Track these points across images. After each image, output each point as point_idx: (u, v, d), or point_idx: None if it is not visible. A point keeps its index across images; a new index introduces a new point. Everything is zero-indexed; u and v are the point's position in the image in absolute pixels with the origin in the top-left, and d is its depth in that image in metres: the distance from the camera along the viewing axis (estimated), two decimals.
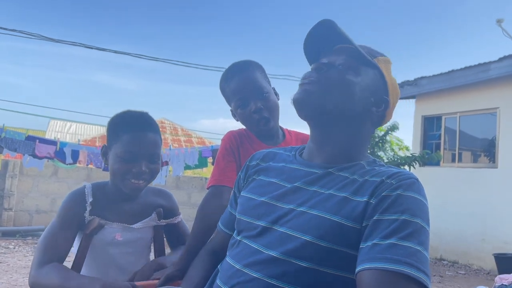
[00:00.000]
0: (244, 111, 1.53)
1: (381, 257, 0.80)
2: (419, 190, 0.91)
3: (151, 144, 1.36)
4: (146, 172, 1.35)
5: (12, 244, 7.05)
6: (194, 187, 9.58)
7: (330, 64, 1.02)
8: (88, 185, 1.40)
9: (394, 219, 0.84)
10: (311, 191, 0.96)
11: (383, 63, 1.06)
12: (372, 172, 0.96)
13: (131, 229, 1.40)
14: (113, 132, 1.39)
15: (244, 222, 1.03)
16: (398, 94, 1.10)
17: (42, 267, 1.24)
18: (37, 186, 8.34)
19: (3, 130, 6.17)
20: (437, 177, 7.96)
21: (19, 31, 8.23)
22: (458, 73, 7.64)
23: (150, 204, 1.47)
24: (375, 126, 1.08)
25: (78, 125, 18.01)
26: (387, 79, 1.05)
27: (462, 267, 7.30)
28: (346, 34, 1.02)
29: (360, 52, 1.01)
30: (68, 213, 1.34)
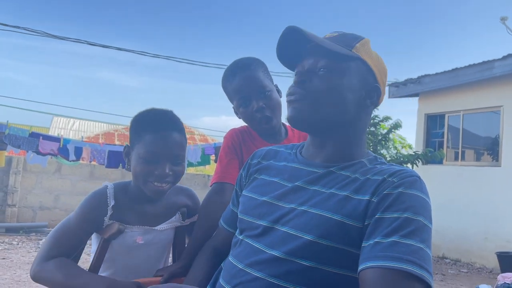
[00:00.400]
0: (246, 110, 1.53)
1: (383, 255, 0.80)
2: (422, 188, 0.90)
3: (175, 144, 1.29)
4: (170, 175, 1.27)
5: (15, 240, 7.08)
6: (197, 185, 9.60)
7: (311, 71, 1.00)
8: (110, 186, 1.32)
9: (396, 217, 0.84)
10: (312, 190, 0.96)
11: (362, 48, 1.01)
12: (373, 170, 0.95)
13: (153, 231, 1.34)
14: (135, 131, 1.32)
15: (246, 222, 1.03)
16: (385, 70, 1.06)
17: (47, 261, 1.21)
18: (40, 183, 8.37)
19: (7, 126, 6.19)
20: (440, 176, 7.94)
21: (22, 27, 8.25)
22: (462, 71, 7.61)
23: (174, 204, 1.41)
24: (370, 114, 1.07)
25: (81, 122, 18.06)
26: (371, 64, 1.01)
27: (464, 266, 7.29)
28: (315, 35, 0.99)
29: (338, 50, 0.97)
30: (88, 215, 1.28)
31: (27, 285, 4.62)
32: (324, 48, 0.97)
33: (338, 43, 0.99)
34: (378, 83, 1.02)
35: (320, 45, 0.97)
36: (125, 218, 1.30)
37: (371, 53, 1.03)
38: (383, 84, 1.05)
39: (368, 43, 1.04)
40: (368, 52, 1.02)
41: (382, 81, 1.04)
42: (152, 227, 1.33)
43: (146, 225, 1.32)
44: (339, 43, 1.00)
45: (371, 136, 7.31)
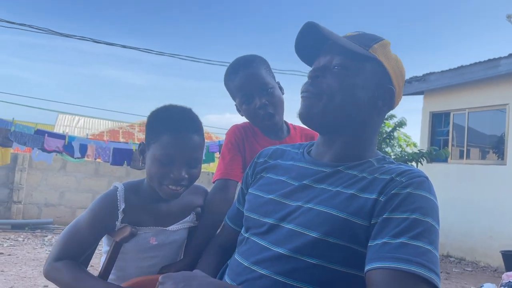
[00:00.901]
0: (249, 107, 1.53)
1: (392, 256, 0.79)
2: (430, 189, 0.90)
3: (193, 147, 1.22)
4: (186, 178, 1.22)
5: (21, 236, 7.13)
6: (201, 182, 9.41)
7: (326, 68, 1.00)
8: (120, 188, 1.26)
9: (404, 218, 0.83)
10: (319, 188, 0.96)
11: (380, 49, 1.01)
12: (381, 169, 0.95)
13: (166, 231, 1.30)
14: (152, 130, 1.26)
15: (252, 220, 1.03)
16: (402, 74, 1.06)
17: (57, 262, 1.22)
18: (45, 180, 8.42)
19: (12, 124, 6.23)
20: (444, 174, 7.91)
21: (28, 25, 8.29)
22: (467, 69, 7.57)
23: (188, 204, 1.36)
24: (383, 116, 1.06)
25: (86, 119, 18.11)
26: (387, 66, 1.00)
27: (469, 264, 7.27)
28: (333, 32, 0.99)
29: (354, 48, 0.97)
30: (97, 221, 1.24)
31: (32, 281, 4.66)
32: (340, 46, 0.97)
33: (355, 42, 0.99)
34: (393, 85, 1.01)
35: (337, 42, 0.97)
36: (138, 219, 1.26)
37: (390, 55, 1.02)
38: (398, 87, 1.03)
39: (387, 45, 1.03)
40: (386, 53, 1.01)
41: (397, 84, 1.03)
42: (165, 227, 1.29)
43: (159, 226, 1.28)
44: (357, 42, 1.00)
45: None
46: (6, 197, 8.07)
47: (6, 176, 8.07)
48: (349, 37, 1.02)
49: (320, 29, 0.97)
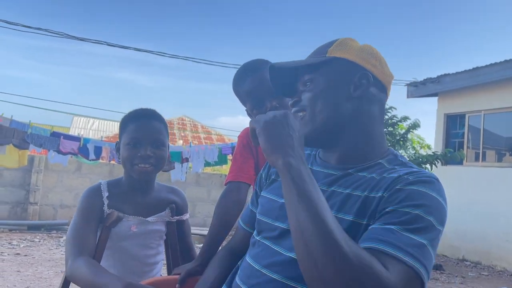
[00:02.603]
0: (260, 111, 1.52)
1: (382, 239, 0.78)
2: (439, 190, 0.88)
3: (154, 130, 1.44)
4: (152, 157, 1.41)
5: (37, 237, 7.24)
6: (214, 184, 9.65)
7: (301, 91, 1.04)
8: (103, 182, 1.48)
9: (406, 212, 0.82)
10: (329, 191, 0.95)
11: (336, 48, 1.02)
12: (392, 170, 0.94)
13: (145, 221, 1.46)
14: (121, 126, 1.48)
15: (264, 223, 1.03)
16: (373, 53, 1.03)
17: (76, 259, 1.28)
18: (61, 181, 8.53)
19: (29, 126, 6.34)
20: (460, 176, 7.81)
21: (44, 29, 8.42)
22: (483, 70, 7.46)
23: (164, 200, 1.53)
24: (377, 102, 1.02)
25: (100, 121, 18.33)
26: (349, 57, 1.00)
27: (485, 268, 7.15)
28: (292, 61, 1.06)
29: (311, 61, 1.02)
30: (89, 208, 1.40)
31: (48, 281, 4.73)
32: (300, 67, 1.04)
33: (312, 55, 1.05)
34: (366, 70, 0.99)
35: (295, 67, 1.04)
36: (121, 208, 1.43)
37: (350, 47, 1.02)
38: (374, 67, 1.01)
39: (343, 41, 1.03)
40: (344, 48, 1.01)
41: (372, 64, 1.01)
42: (144, 217, 1.46)
43: (139, 215, 1.45)
44: (313, 55, 1.05)
45: (389, 137, 7.23)
46: (23, 199, 8.20)
47: (23, 177, 8.20)
48: (309, 55, 1.07)
49: (278, 68, 1.05)
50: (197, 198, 9.36)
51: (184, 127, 17.54)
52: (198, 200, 9.38)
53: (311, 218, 0.75)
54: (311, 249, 0.73)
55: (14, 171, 8.00)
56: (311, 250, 0.73)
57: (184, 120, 18.01)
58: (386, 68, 1.04)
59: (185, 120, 18.04)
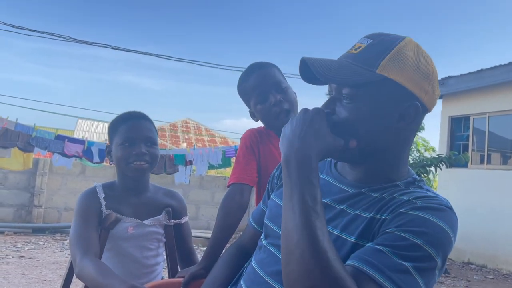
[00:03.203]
0: (264, 105, 1.53)
1: (368, 259, 0.75)
2: (448, 220, 0.80)
3: (146, 129, 1.48)
4: (146, 154, 1.44)
5: (41, 240, 7.26)
6: (218, 187, 9.64)
7: (336, 100, 0.90)
8: (98, 184, 1.50)
9: (403, 237, 0.76)
10: (338, 209, 0.92)
11: (390, 63, 0.85)
12: (405, 191, 0.88)
13: (142, 224, 1.47)
14: (112, 129, 1.51)
15: (270, 229, 1.02)
16: (428, 74, 0.89)
17: (83, 259, 1.30)
18: (65, 184, 8.56)
19: (34, 129, 6.36)
20: (465, 179, 7.77)
21: (49, 33, 8.48)
22: (488, 72, 7.44)
23: (160, 203, 1.54)
24: (414, 130, 0.93)
25: (105, 124, 18.36)
26: (402, 81, 0.85)
27: (490, 272, 7.10)
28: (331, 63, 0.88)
29: (355, 79, 0.85)
30: (87, 209, 1.41)
31: (52, 284, 4.73)
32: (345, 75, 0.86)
33: (360, 64, 0.86)
34: (416, 99, 0.87)
35: (332, 81, 0.88)
36: (118, 209, 1.45)
37: (405, 64, 0.86)
38: (425, 93, 0.88)
39: (400, 50, 0.87)
40: (399, 64, 0.85)
41: (423, 90, 0.88)
42: (140, 220, 1.47)
43: (135, 217, 1.47)
44: (362, 63, 0.86)
45: None
46: (28, 201, 8.23)
47: (28, 180, 8.24)
48: (355, 55, 0.89)
49: (314, 69, 0.86)
50: (201, 200, 9.37)
51: (188, 130, 17.56)
52: (202, 203, 9.38)
53: (301, 224, 0.76)
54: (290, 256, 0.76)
55: (19, 174, 8.03)
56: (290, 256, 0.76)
57: (188, 123, 18.04)
58: (436, 88, 0.91)
59: (189, 123, 18.07)
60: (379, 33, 0.91)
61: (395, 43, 0.88)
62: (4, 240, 6.96)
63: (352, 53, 0.89)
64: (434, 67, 0.91)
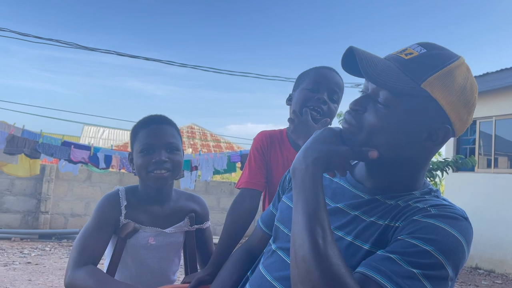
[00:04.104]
0: (313, 94, 1.49)
1: (376, 266, 0.75)
2: (463, 230, 0.79)
3: (167, 134, 1.39)
4: (167, 161, 1.35)
5: (48, 246, 7.28)
6: (223, 192, 9.64)
7: (370, 100, 0.88)
8: (121, 189, 1.41)
9: (413, 244, 0.76)
10: (352, 215, 0.91)
11: (438, 82, 0.82)
12: (420, 199, 0.87)
13: (164, 233, 1.40)
14: (132, 135, 1.43)
15: (281, 232, 1.01)
16: (469, 103, 0.86)
17: (79, 269, 1.25)
18: (72, 190, 8.60)
19: (40, 136, 6.40)
20: (472, 183, 7.71)
21: (55, 40, 8.55)
22: (493, 75, 7.40)
23: (183, 209, 1.47)
24: (434, 150, 0.91)
25: (110, 130, 18.47)
26: (443, 103, 0.82)
27: (499, 277, 7.03)
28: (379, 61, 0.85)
29: (399, 86, 0.82)
30: (104, 216, 1.34)
31: None
32: (391, 78, 0.83)
33: (407, 72, 0.83)
34: (449, 123, 0.85)
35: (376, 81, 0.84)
36: (138, 218, 1.38)
37: (452, 87, 0.83)
38: (460, 120, 0.86)
39: (451, 71, 0.83)
40: (446, 86, 0.82)
41: (459, 117, 0.85)
42: (162, 229, 1.40)
43: (157, 227, 1.39)
44: (409, 72, 0.83)
45: None
46: (34, 207, 8.27)
47: (34, 187, 8.28)
48: (404, 61, 0.85)
49: (359, 60, 0.83)
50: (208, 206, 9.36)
51: (193, 135, 17.60)
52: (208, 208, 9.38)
53: (304, 230, 0.79)
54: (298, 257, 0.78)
55: (25, 180, 8.08)
56: (298, 258, 0.78)
57: (193, 129, 18.09)
58: (471, 117, 0.89)
59: (194, 128, 18.12)
60: (433, 44, 0.88)
61: (448, 61, 0.84)
62: (11, 246, 6.99)
63: (402, 58, 0.86)
64: (476, 96, 0.88)
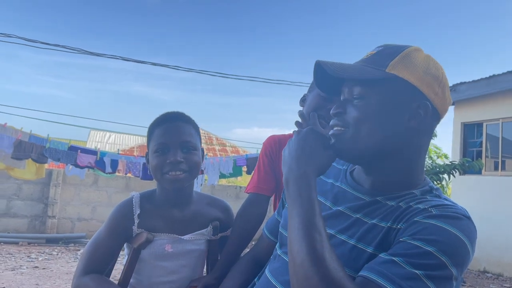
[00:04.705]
0: (325, 103, 1.45)
1: (379, 269, 0.75)
2: (465, 228, 0.79)
3: (182, 132, 1.29)
4: (183, 162, 1.26)
5: (55, 250, 7.31)
6: (229, 196, 9.64)
7: (347, 101, 0.92)
8: (136, 196, 1.33)
9: (415, 245, 0.75)
10: (354, 218, 0.91)
11: (400, 63, 0.88)
12: (421, 199, 0.87)
13: (182, 240, 1.31)
14: (148, 134, 1.35)
15: (285, 237, 1.00)
16: (438, 77, 0.90)
17: (84, 276, 1.24)
18: (78, 195, 8.64)
19: (47, 140, 6.45)
20: (479, 186, 7.65)
21: (61, 46, 8.62)
22: (500, 78, 7.36)
23: (205, 215, 1.37)
24: (428, 133, 0.93)
25: (117, 135, 18.55)
26: (412, 80, 0.87)
27: (507, 280, 6.96)
28: (341, 64, 0.91)
29: (366, 75, 0.88)
30: (116, 226, 1.29)
31: None
32: (350, 79, 0.90)
33: (370, 65, 0.89)
34: (426, 99, 0.88)
35: (344, 77, 0.90)
36: (153, 225, 1.29)
37: (415, 64, 0.88)
38: (435, 95, 0.89)
39: (410, 53, 0.89)
40: (408, 65, 0.88)
41: (434, 92, 0.88)
42: (180, 235, 1.30)
43: (174, 233, 1.30)
44: (372, 64, 0.89)
45: None
46: (41, 212, 8.31)
47: (41, 191, 8.33)
48: (365, 59, 0.92)
49: (327, 68, 0.89)
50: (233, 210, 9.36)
51: None
52: None
53: (300, 237, 0.79)
54: (296, 261, 0.78)
55: (32, 185, 8.13)
56: (296, 261, 0.78)
57: None
58: (447, 95, 0.92)
59: None
60: (390, 43, 0.95)
61: (404, 47, 0.91)
62: (18, 250, 7.03)
63: (364, 58, 0.93)
64: (444, 73, 0.92)
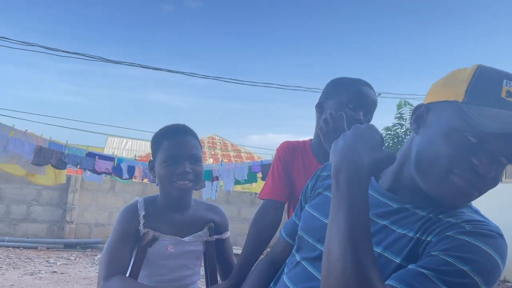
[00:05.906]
0: (350, 112, 1.43)
1: (409, 281, 0.73)
2: (498, 247, 0.77)
3: (191, 146, 1.42)
4: (190, 173, 1.39)
5: (73, 255, 7.41)
6: (244, 202, 9.64)
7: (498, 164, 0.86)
8: (140, 200, 1.46)
9: (449, 262, 0.73)
10: (381, 225, 0.88)
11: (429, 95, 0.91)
12: (452, 212, 0.84)
13: (183, 242, 1.42)
14: (155, 144, 1.46)
15: (305, 241, 1.00)
16: (437, 87, 0.89)
17: (109, 280, 1.28)
18: (96, 200, 8.75)
19: (66, 147, 6.56)
20: (499, 194, 7.46)
21: (81, 54, 8.79)
22: None
23: (202, 218, 1.49)
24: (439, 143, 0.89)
25: (134, 141, 18.75)
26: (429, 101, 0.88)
27: None
28: None
29: None
30: (124, 227, 1.38)
31: None
32: None
33: None
34: None
35: None
36: (157, 226, 1.41)
37: (432, 88, 0.90)
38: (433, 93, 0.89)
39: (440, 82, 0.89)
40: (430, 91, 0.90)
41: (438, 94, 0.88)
42: (180, 237, 1.42)
43: (176, 235, 1.41)
44: None
45: None
46: (60, 217, 8.44)
47: (60, 197, 8.46)
48: None
49: None
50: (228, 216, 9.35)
51: (214, 145, 17.72)
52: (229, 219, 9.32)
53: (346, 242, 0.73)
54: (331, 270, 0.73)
55: (51, 190, 8.27)
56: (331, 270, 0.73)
57: (214, 139, 18.21)
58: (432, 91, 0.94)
59: (215, 139, 18.24)
60: None
61: None
62: (37, 255, 7.14)
63: None
64: None
